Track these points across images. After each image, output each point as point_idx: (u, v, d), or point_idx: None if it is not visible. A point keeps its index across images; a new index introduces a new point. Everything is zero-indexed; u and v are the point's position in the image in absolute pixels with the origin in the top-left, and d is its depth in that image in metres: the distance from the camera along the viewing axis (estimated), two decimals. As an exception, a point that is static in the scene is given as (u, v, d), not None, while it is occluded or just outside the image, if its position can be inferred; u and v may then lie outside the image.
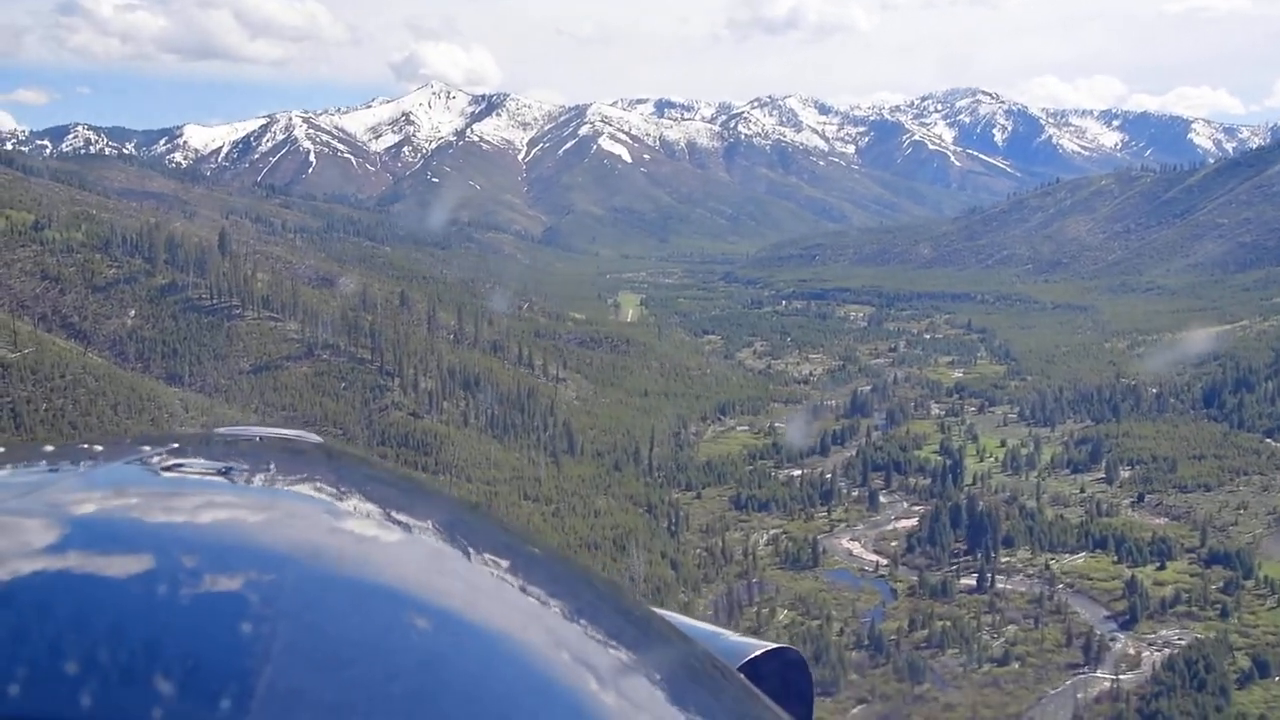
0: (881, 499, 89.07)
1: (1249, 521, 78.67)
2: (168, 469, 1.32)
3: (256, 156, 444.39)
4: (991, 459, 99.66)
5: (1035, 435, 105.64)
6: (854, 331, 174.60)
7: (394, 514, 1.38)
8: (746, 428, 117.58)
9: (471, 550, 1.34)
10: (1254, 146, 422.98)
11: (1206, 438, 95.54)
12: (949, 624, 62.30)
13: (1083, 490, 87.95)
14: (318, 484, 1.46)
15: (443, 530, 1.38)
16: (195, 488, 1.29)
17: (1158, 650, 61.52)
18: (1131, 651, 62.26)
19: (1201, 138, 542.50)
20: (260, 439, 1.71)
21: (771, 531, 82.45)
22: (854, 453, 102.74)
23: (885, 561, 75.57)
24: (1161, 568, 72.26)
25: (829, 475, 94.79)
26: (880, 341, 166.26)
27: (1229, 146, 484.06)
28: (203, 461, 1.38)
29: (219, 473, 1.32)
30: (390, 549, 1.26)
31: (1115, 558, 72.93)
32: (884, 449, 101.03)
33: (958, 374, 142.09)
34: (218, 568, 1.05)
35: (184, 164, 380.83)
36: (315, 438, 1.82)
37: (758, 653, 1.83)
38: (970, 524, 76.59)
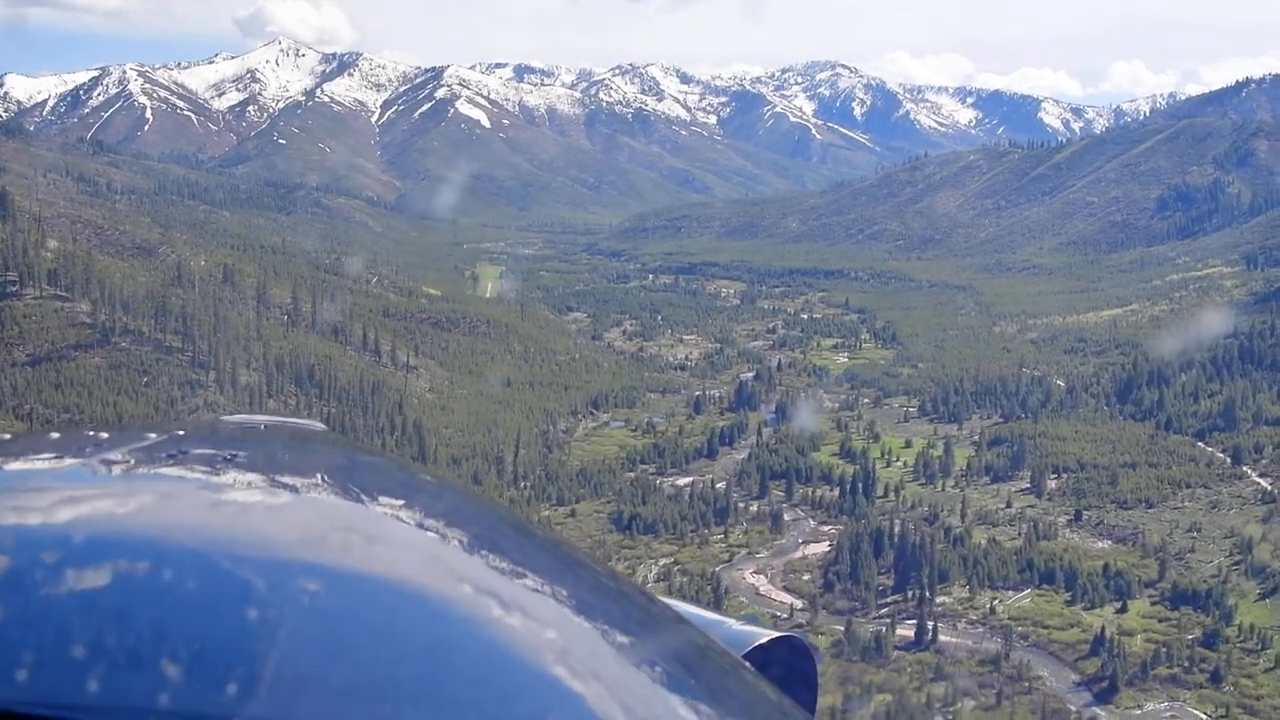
0: (785, 516, 77.38)
1: (1206, 548, 69.74)
2: (173, 456, 1.33)
3: (87, 111, 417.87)
4: (900, 463, 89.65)
5: (942, 434, 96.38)
6: (727, 310, 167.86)
7: (398, 502, 1.39)
8: (622, 424, 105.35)
9: (477, 538, 1.35)
10: (1099, 128, 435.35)
11: (1132, 440, 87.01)
12: (892, 700, 50.54)
13: (1009, 504, 78.08)
14: (321, 472, 1.45)
15: (448, 519, 1.38)
16: (199, 474, 1.31)
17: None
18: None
19: (1051, 117, 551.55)
20: (265, 426, 1.70)
21: (662, 562, 69.93)
22: (746, 455, 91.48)
23: (800, 604, 63.70)
24: (1122, 609, 62.54)
25: (721, 485, 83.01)
26: (756, 321, 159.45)
27: (1076, 126, 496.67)
28: (208, 449, 1.39)
29: (224, 459, 1.34)
30: (393, 538, 1.27)
31: (1067, 595, 62.79)
32: (779, 452, 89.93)
33: (843, 358, 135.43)
34: (221, 553, 1.06)
35: (4, 117, 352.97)
36: (320, 426, 1.81)
37: (763, 640, 1.84)
38: (895, 553, 65.54)
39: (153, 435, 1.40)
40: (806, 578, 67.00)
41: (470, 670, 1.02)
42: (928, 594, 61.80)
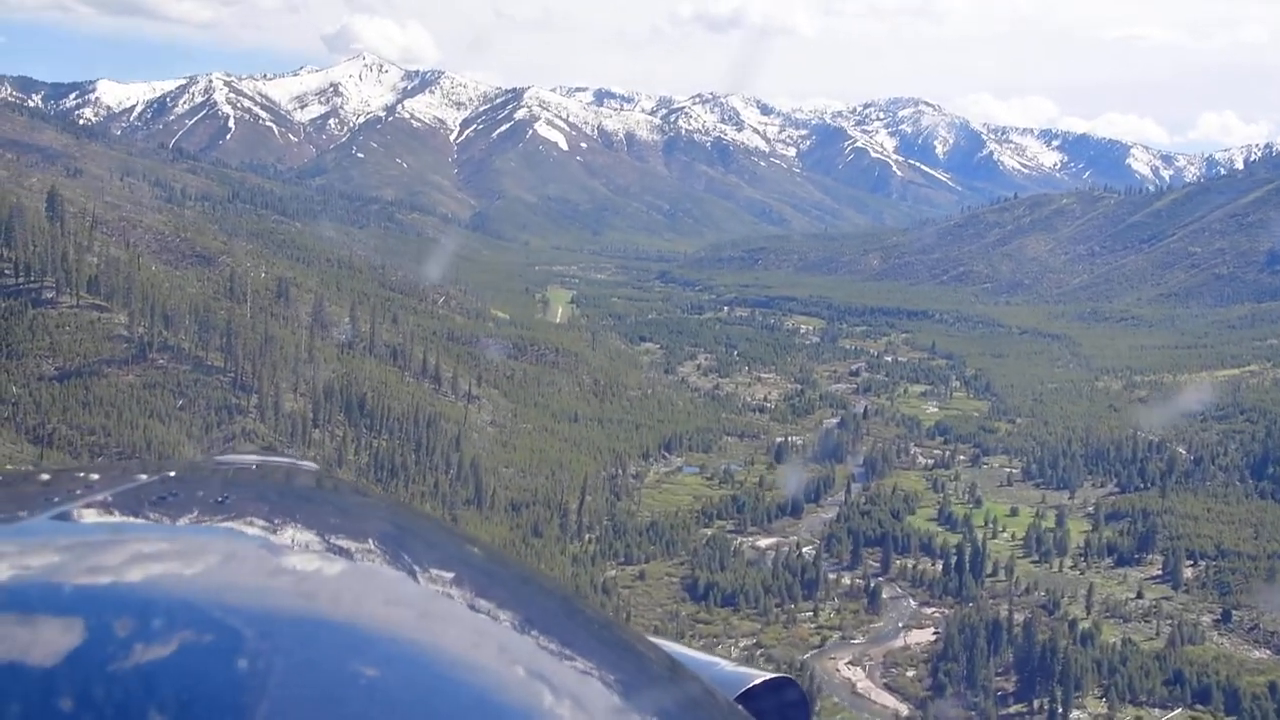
0: (882, 593, 68.13)
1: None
2: (164, 499, 1.32)
3: (172, 118, 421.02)
4: (1007, 534, 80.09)
5: (1051, 503, 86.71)
6: (806, 348, 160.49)
7: (390, 547, 1.37)
8: (697, 470, 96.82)
9: (466, 582, 1.32)
10: (1190, 176, 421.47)
11: (1278, 524, 76.45)
12: None
13: (1140, 594, 68.10)
14: (312, 515, 1.43)
15: (440, 563, 1.36)
16: (188, 518, 1.30)
17: None
18: None
19: (1140, 163, 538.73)
20: (257, 466, 1.69)
21: (743, 643, 60.87)
22: (834, 515, 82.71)
23: (907, 710, 54.43)
24: (1297, 741, 52.48)
25: (808, 550, 74.10)
26: (837, 361, 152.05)
27: (1165, 174, 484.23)
28: (198, 492, 1.38)
29: (214, 504, 1.32)
30: (383, 584, 1.25)
31: (1229, 719, 52.86)
32: (871, 514, 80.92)
33: (933, 408, 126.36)
34: (209, 601, 1.04)
35: (94, 121, 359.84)
36: (313, 465, 1.81)
37: (754, 683, 1.82)
38: (1016, 651, 56.22)
39: (143, 476, 1.38)
40: (911, 674, 57.72)
41: (461, 716, 1.00)
42: (1060, 708, 52.44)
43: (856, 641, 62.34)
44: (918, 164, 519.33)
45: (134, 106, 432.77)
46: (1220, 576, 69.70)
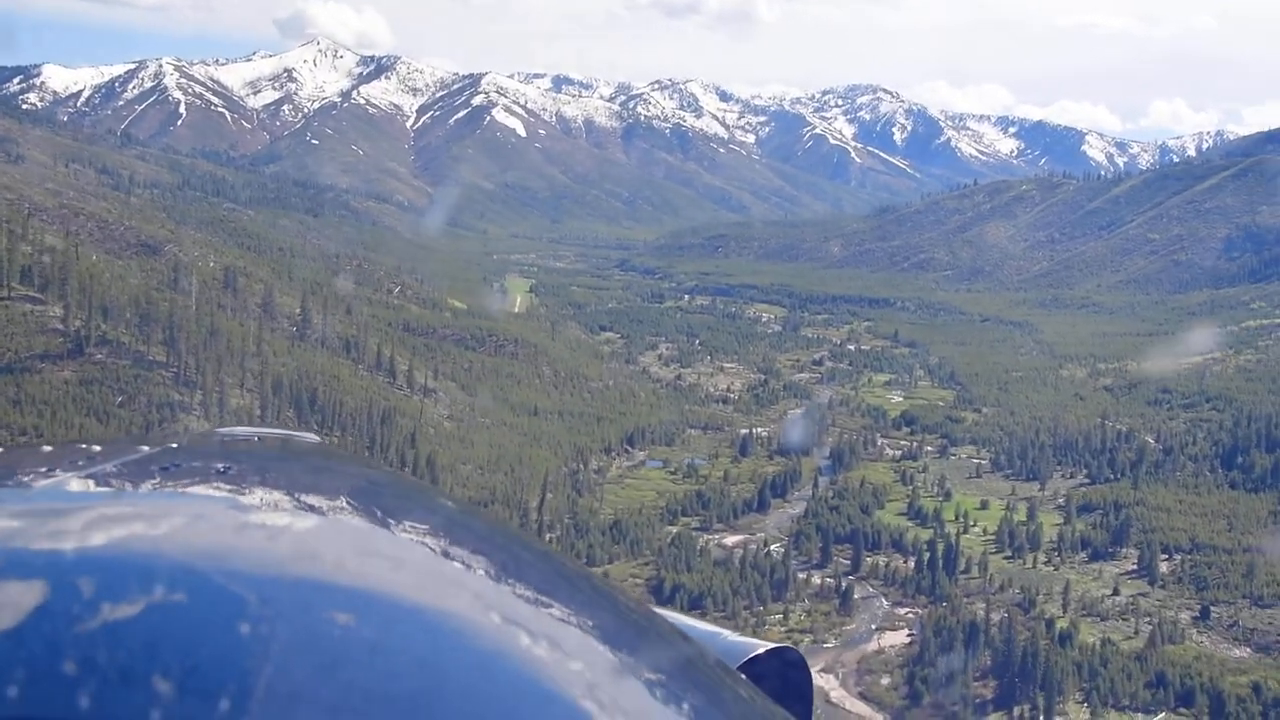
0: (853, 593, 65.93)
1: (1372, 664, 57.80)
2: (166, 469, 1.33)
3: (121, 104, 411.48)
4: (978, 529, 78.34)
5: (1021, 495, 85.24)
6: (769, 337, 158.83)
7: (391, 516, 1.38)
8: (660, 464, 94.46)
9: (470, 551, 1.34)
10: (1144, 163, 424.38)
11: (1251, 516, 75.27)
12: None
13: (1116, 591, 66.46)
14: (314, 485, 1.46)
15: (441, 531, 1.37)
16: (192, 488, 1.31)
17: None
18: None
19: (1095, 150, 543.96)
20: (259, 438, 1.71)
21: (711, 649, 58.58)
22: (802, 510, 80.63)
23: (881, 718, 52.18)
24: (1286, 746, 50.85)
25: (776, 548, 71.92)
26: (800, 351, 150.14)
27: (1120, 161, 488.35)
28: (201, 463, 1.40)
29: (217, 473, 1.34)
30: (384, 552, 1.26)
31: (1215, 724, 51.18)
32: (840, 509, 78.94)
33: (898, 397, 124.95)
34: (214, 569, 1.05)
35: (39, 106, 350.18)
36: (314, 438, 1.83)
37: (757, 652, 1.85)
38: (993, 654, 54.24)
39: (145, 448, 1.40)
40: (886, 681, 55.51)
41: (464, 685, 1.01)
42: (1042, 717, 50.48)
43: (829, 646, 59.96)
44: (876, 151, 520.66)
45: (81, 91, 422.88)
46: (1196, 571, 68.23)
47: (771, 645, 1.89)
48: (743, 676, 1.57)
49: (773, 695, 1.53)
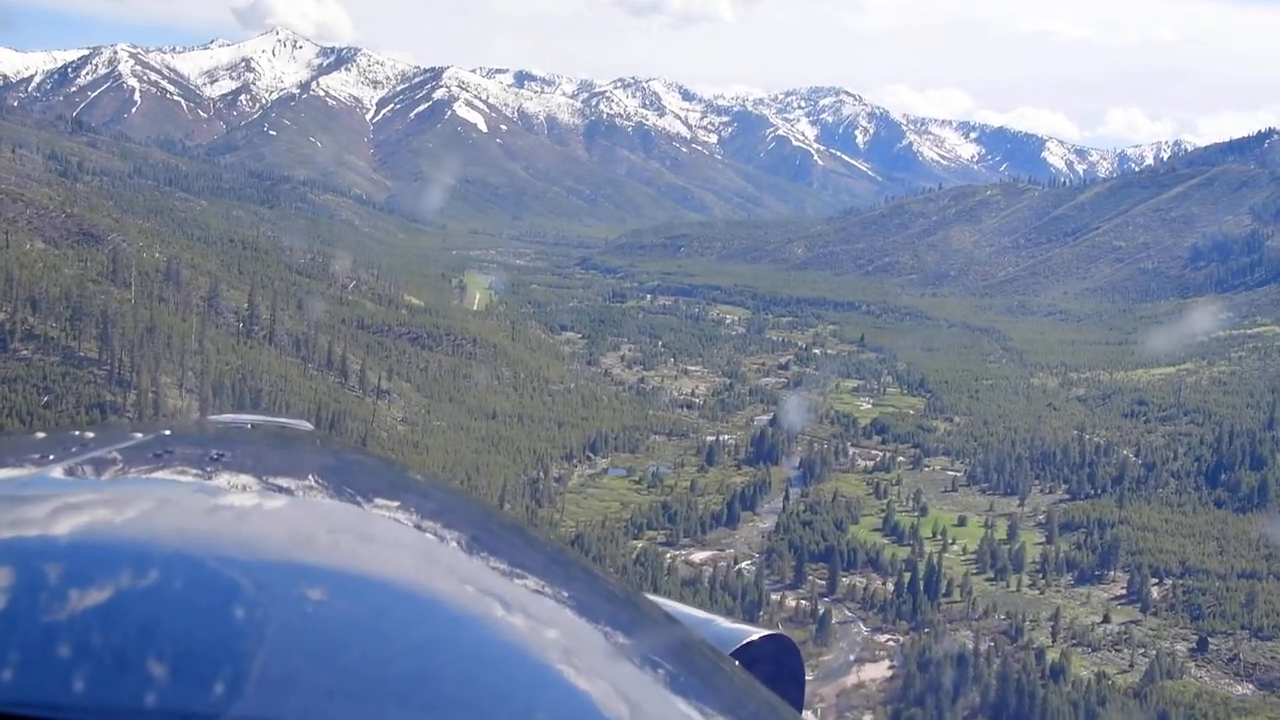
0: (830, 617, 62.06)
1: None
2: (159, 456, 1.33)
3: (74, 90, 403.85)
4: (957, 547, 74.96)
5: (1000, 510, 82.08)
6: (733, 339, 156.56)
7: (386, 502, 1.39)
8: (624, 472, 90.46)
9: (464, 537, 1.34)
10: (1103, 171, 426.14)
11: (1241, 537, 72.23)
12: None
13: (1107, 618, 63.08)
14: (308, 472, 1.46)
15: (434, 517, 1.37)
16: (186, 474, 1.31)
17: None
18: None
19: (1055, 157, 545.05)
20: (252, 425, 1.71)
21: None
22: (773, 525, 76.80)
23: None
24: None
25: (748, 567, 68.11)
26: (765, 354, 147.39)
27: (1079, 168, 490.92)
28: (195, 449, 1.40)
29: (211, 459, 1.34)
30: (381, 537, 1.26)
31: (1221, 771, 47.93)
32: (813, 525, 75.25)
33: (867, 404, 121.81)
34: (209, 554, 1.05)
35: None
36: (308, 425, 1.82)
37: (751, 638, 1.86)
38: (983, 692, 50.62)
39: (139, 435, 1.41)
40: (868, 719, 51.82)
41: (459, 669, 1.02)
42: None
43: (807, 679, 56.23)
44: (839, 153, 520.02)
45: (33, 77, 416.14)
46: (1190, 597, 65.00)
47: (765, 632, 1.91)
48: (737, 662, 1.60)
49: (766, 681, 1.56)
